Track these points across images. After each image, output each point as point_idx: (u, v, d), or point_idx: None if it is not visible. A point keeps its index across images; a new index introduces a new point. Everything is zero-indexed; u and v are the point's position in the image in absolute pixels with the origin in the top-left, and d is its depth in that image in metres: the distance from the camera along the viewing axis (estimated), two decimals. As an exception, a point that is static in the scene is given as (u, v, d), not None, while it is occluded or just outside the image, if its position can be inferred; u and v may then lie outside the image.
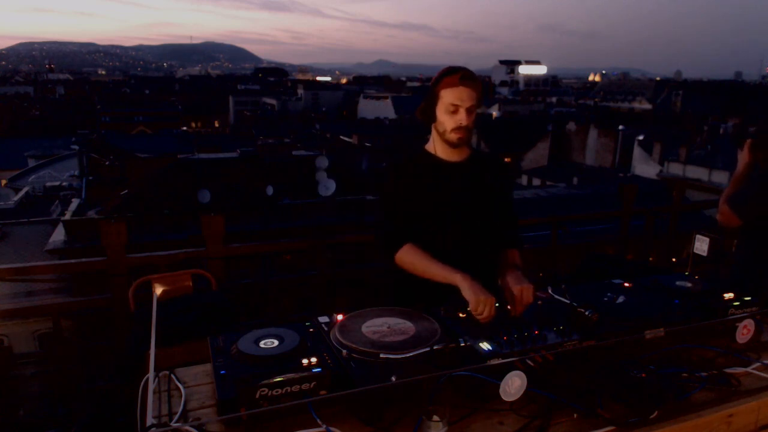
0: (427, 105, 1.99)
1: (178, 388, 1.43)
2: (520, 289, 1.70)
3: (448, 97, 1.92)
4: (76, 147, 28.68)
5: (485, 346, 1.46)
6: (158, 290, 2.27)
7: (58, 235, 12.81)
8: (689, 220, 9.73)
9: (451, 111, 1.93)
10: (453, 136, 1.95)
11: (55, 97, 67.27)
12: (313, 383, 1.27)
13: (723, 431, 1.40)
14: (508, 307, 1.73)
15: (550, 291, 1.86)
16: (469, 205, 2.02)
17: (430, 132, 2.07)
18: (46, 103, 60.59)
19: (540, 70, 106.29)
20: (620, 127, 34.30)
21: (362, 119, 52.16)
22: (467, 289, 1.71)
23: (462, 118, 1.92)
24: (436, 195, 2.01)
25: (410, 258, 1.94)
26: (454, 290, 1.77)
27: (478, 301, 1.65)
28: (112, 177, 18.20)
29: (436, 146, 2.04)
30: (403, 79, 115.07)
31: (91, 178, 18.95)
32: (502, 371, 1.28)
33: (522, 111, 51.22)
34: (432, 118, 1.99)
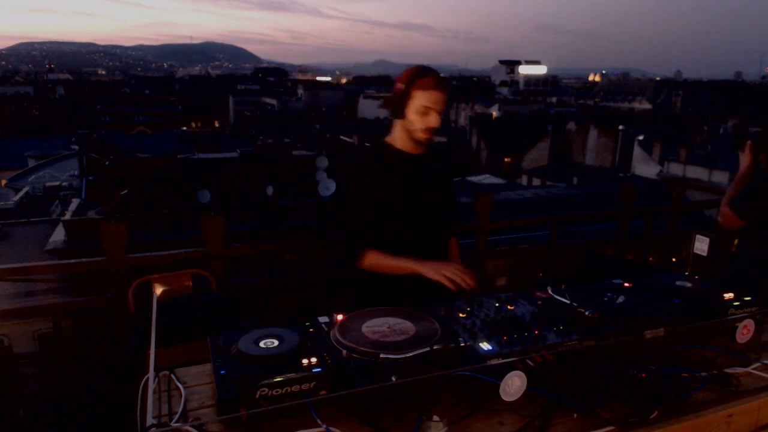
0: (397, 101, 1.99)
1: (178, 388, 1.43)
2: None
3: (421, 98, 1.95)
4: (76, 147, 28.70)
5: (485, 346, 1.46)
6: (158, 290, 2.27)
7: (58, 235, 12.79)
8: (689, 220, 9.72)
9: (422, 112, 1.96)
10: (422, 136, 2.02)
11: (55, 97, 67.25)
12: (313, 383, 1.27)
13: (723, 431, 1.40)
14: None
15: (550, 291, 1.86)
16: (429, 193, 2.12)
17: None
18: (46, 103, 60.57)
19: (540, 70, 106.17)
20: (620, 127, 34.23)
21: (362, 119, 52.12)
22: (427, 271, 1.88)
23: (433, 120, 1.98)
24: (403, 185, 2.07)
25: (375, 261, 2.04)
26: (415, 284, 1.90)
27: (441, 274, 1.83)
28: (112, 177, 18.23)
29: (401, 140, 2.08)
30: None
31: (91, 178, 18.98)
32: (502, 371, 1.28)
33: (522, 111, 51.12)
34: (400, 114, 2.01)
